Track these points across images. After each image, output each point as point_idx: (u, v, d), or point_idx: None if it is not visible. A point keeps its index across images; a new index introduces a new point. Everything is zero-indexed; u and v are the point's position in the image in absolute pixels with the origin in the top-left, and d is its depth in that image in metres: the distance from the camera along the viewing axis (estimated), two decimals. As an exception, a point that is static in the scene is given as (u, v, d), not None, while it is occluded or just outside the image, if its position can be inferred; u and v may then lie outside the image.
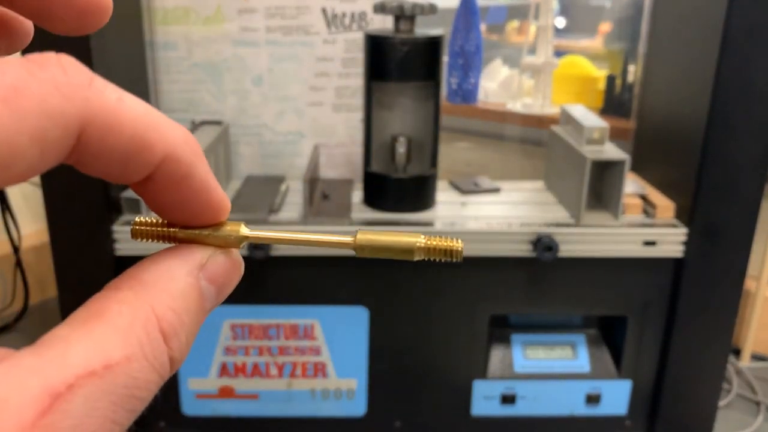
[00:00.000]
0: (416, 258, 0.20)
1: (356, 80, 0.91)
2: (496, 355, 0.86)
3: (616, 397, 0.86)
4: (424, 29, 0.79)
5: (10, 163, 0.15)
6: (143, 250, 0.77)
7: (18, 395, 0.13)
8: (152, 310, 0.16)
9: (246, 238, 0.20)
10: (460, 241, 0.20)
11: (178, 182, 0.18)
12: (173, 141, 0.18)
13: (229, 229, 0.20)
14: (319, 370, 0.84)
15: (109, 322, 0.15)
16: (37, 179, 0.79)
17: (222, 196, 0.19)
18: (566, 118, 0.89)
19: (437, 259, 0.20)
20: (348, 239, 0.21)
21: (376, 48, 0.77)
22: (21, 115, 0.15)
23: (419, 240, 0.20)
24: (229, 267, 0.19)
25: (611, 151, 0.79)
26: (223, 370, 0.83)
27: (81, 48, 0.70)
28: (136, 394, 0.15)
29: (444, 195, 0.87)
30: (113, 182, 0.21)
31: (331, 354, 0.83)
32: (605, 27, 1.34)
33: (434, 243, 0.20)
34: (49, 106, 0.15)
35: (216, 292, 0.18)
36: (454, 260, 0.20)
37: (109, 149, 0.17)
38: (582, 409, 0.86)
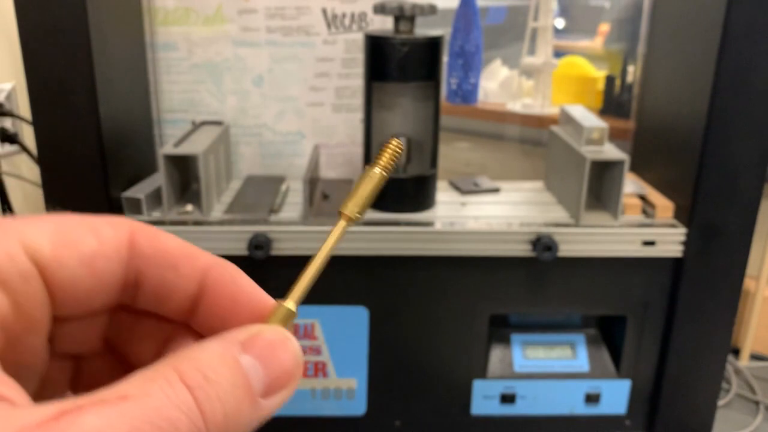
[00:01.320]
0: (384, 175, 0.22)
1: (356, 81, 0.91)
2: (496, 354, 0.86)
3: (616, 396, 0.86)
4: (424, 30, 0.80)
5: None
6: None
7: (30, 413, 0.15)
8: (175, 367, 0.17)
9: (293, 313, 0.20)
10: (393, 140, 0.22)
11: (229, 285, 0.20)
12: (211, 256, 0.21)
13: (275, 311, 0.20)
14: (319, 369, 0.84)
15: (132, 376, 0.17)
16: (38, 178, 0.80)
17: (268, 296, 0.21)
18: (566, 119, 0.89)
19: (394, 162, 0.22)
20: (342, 224, 0.23)
21: (376, 48, 0.77)
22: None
23: (374, 170, 0.22)
24: (273, 341, 0.19)
25: (610, 152, 0.79)
26: (224, 370, 0.84)
27: (82, 49, 0.70)
28: (162, 426, 0.16)
29: (444, 195, 0.88)
30: (171, 315, 0.21)
31: (331, 353, 0.83)
32: (605, 28, 1.34)
33: (384, 160, 0.22)
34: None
35: (262, 367, 0.18)
36: (400, 153, 0.23)
37: (160, 251, 0.20)
38: (581, 409, 0.86)
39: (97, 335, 0.22)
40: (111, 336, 0.23)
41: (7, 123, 1.20)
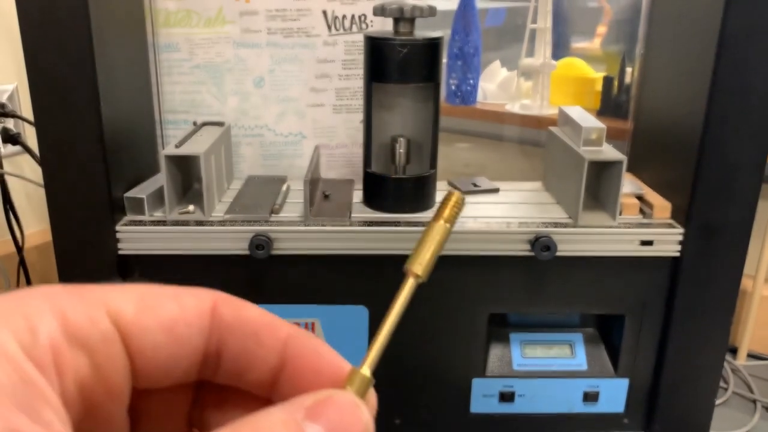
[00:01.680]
0: (449, 228, 0.22)
1: (356, 82, 0.92)
2: (495, 353, 0.87)
3: (614, 394, 0.87)
4: (424, 31, 0.80)
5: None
6: (147, 250, 0.78)
7: None
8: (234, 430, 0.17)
9: (370, 379, 0.21)
10: (455, 193, 0.22)
11: (311, 356, 0.20)
12: (293, 327, 0.21)
13: (350, 376, 0.20)
14: (320, 368, 0.85)
15: None
16: (40, 179, 0.80)
17: (349, 365, 0.21)
18: (564, 119, 0.90)
19: (458, 214, 0.22)
20: (411, 283, 0.22)
21: (376, 50, 0.78)
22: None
23: (444, 225, 0.22)
24: (342, 406, 0.18)
25: (609, 152, 0.80)
26: (225, 369, 0.84)
27: (84, 49, 0.71)
28: None
29: (443, 195, 0.88)
30: (253, 388, 0.21)
31: (332, 352, 0.84)
32: (603, 29, 1.34)
33: (449, 213, 0.22)
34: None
35: (322, 429, 0.18)
36: (462, 204, 0.23)
37: (243, 320, 0.20)
38: (580, 407, 0.87)
39: (180, 413, 0.22)
40: (194, 417, 0.22)
41: (10, 124, 1.21)
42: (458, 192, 0.22)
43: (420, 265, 0.22)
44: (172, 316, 0.20)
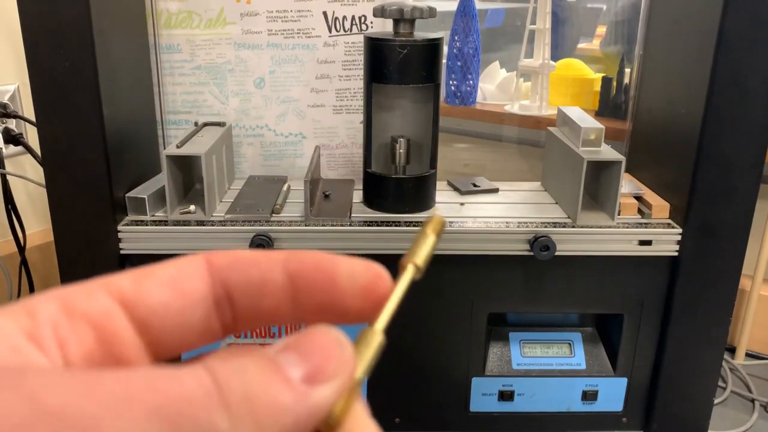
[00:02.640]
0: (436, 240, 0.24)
1: (356, 82, 0.92)
2: (494, 352, 0.87)
3: (612, 393, 0.87)
4: (424, 32, 0.81)
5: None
6: (149, 250, 0.79)
7: None
8: (202, 363, 0.16)
9: (382, 342, 0.20)
10: (435, 212, 0.23)
11: (314, 264, 0.21)
12: (286, 250, 0.21)
13: (359, 336, 0.20)
14: (320, 367, 0.85)
15: None
16: (42, 179, 0.81)
17: (360, 260, 0.21)
18: (563, 120, 0.90)
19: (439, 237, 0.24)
20: (408, 276, 0.23)
21: (376, 51, 0.78)
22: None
23: (431, 235, 0.23)
24: (319, 338, 0.18)
25: (607, 152, 0.81)
26: (226, 368, 0.85)
27: (85, 50, 0.71)
28: (171, 387, 0.15)
29: (443, 195, 0.89)
30: (278, 317, 0.21)
31: (332, 351, 0.84)
32: (602, 30, 1.35)
33: (433, 228, 0.23)
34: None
35: (296, 353, 0.17)
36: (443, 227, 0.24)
37: (235, 258, 0.21)
38: (578, 406, 0.87)
39: None
40: None
41: (11, 124, 1.21)
42: (439, 215, 0.24)
43: (419, 256, 0.23)
44: (170, 274, 0.20)
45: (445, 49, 1.17)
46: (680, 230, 0.79)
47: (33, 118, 0.76)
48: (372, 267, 0.21)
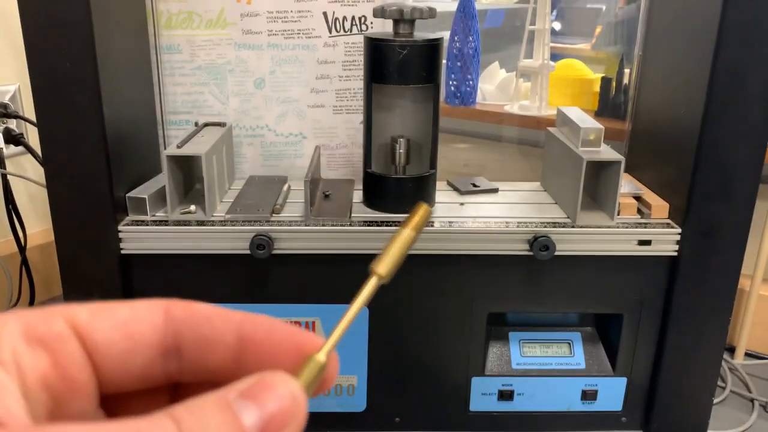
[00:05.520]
0: (415, 236, 0.23)
1: (356, 83, 0.93)
2: (494, 352, 0.87)
3: (612, 393, 0.87)
4: (424, 32, 0.81)
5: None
6: (149, 250, 0.79)
7: None
8: (169, 413, 0.18)
9: (322, 364, 0.21)
10: (423, 205, 0.24)
11: (267, 332, 0.22)
12: (244, 312, 0.22)
13: (305, 363, 0.21)
14: (320, 367, 0.85)
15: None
16: (42, 179, 0.81)
17: (309, 334, 0.22)
18: (562, 120, 0.90)
19: (424, 224, 0.25)
20: (374, 281, 0.24)
21: (376, 51, 0.78)
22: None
23: (410, 233, 0.23)
24: (269, 382, 0.19)
25: (607, 153, 0.81)
26: (226, 367, 0.85)
27: (86, 50, 0.71)
28: None
29: (442, 195, 0.89)
30: (220, 375, 0.22)
31: (332, 351, 0.85)
32: (599, 31, 1.35)
33: (416, 223, 0.24)
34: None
35: (255, 405, 0.18)
36: (429, 216, 0.25)
37: (193, 312, 0.22)
38: (578, 406, 0.88)
39: None
40: None
41: (12, 124, 1.21)
42: (426, 205, 0.25)
43: (384, 266, 0.24)
44: (124, 316, 0.21)
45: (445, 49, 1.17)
46: (679, 230, 0.80)
47: (33, 118, 0.76)
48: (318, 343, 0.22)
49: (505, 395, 0.87)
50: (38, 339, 0.20)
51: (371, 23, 0.90)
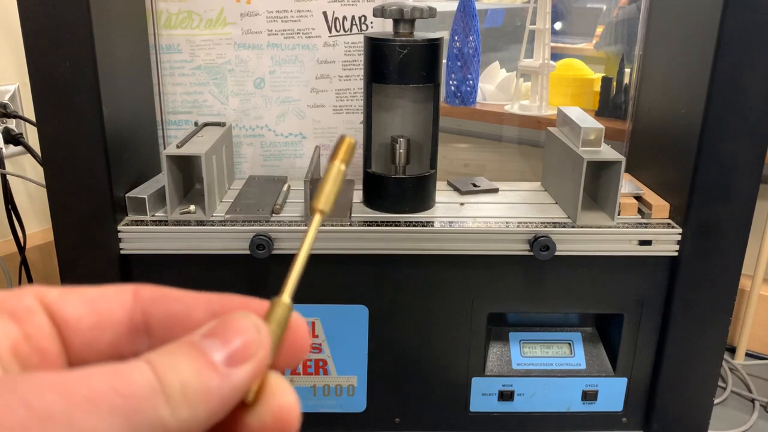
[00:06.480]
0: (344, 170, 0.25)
1: (356, 83, 0.92)
2: (494, 352, 0.87)
3: (612, 393, 0.87)
4: (424, 32, 0.81)
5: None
6: (149, 250, 0.79)
7: None
8: (142, 357, 0.19)
9: (288, 305, 0.22)
10: (346, 137, 0.24)
11: (237, 305, 0.23)
12: (215, 293, 0.23)
13: (271, 307, 0.22)
14: (320, 367, 0.85)
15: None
16: (42, 179, 0.81)
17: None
18: (563, 120, 0.90)
19: (351, 156, 0.25)
20: (318, 218, 0.25)
21: (376, 51, 0.78)
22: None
23: (339, 166, 0.25)
24: (229, 318, 0.21)
25: (607, 152, 0.81)
26: (226, 368, 0.85)
27: (85, 50, 0.71)
28: (119, 382, 0.18)
29: (442, 195, 0.89)
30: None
31: (332, 351, 0.85)
32: (601, 30, 1.35)
33: (342, 155, 0.24)
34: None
35: (218, 339, 0.20)
36: (353, 147, 0.25)
37: (163, 292, 0.23)
38: (578, 406, 0.87)
39: None
40: None
41: (12, 124, 1.21)
42: (348, 136, 0.26)
43: (324, 202, 0.26)
44: (92, 295, 0.23)
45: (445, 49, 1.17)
46: (680, 230, 0.79)
47: (33, 118, 0.76)
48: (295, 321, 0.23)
49: (506, 395, 0.86)
50: (8, 311, 0.21)
51: (371, 23, 0.90)
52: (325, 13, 0.90)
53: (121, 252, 0.79)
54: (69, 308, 0.22)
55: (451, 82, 1.33)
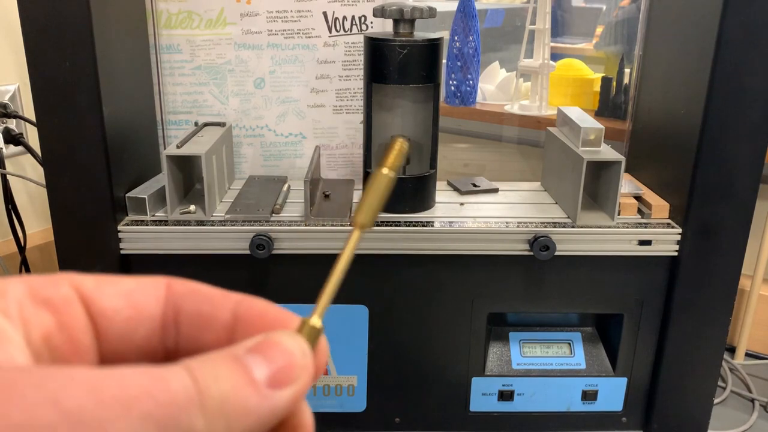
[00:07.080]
0: (392, 176, 0.23)
1: (356, 83, 0.92)
2: (494, 352, 0.87)
3: (612, 393, 0.87)
4: (424, 32, 0.81)
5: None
6: (149, 250, 0.79)
7: None
8: (182, 364, 0.18)
9: (318, 329, 0.22)
10: (399, 139, 0.23)
11: (261, 312, 0.22)
12: (242, 294, 0.23)
13: (300, 328, 0.21)
14: (320, 367, 0.85)
15: None
16: (42, 179, 0.81)
17: (298, 318, 0.22)
18: (563, 120, 0.90)
19: (400, 161, 0.23)
20: (356, 235, 0.23)
21: (376, 51, 0.78)
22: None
23: (387, 173, 0.23)
24: (276, 338, 0.20)
25: (607, 152, 0.81)
26: (226, 368, 0.85)
27: (85, 50, 0.71)
28: (156, 387, 0.17)
29: (443, 195, 0.89)
30: (212, 347, 0.22)
31: (332, 351, 0.85)
32: (601, 30, 1.35)
33: (392, 161, 0.23)
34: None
35: (263, 359, 0.19)
36: (405, 151, 0.23)
37: (195, 289, 0.23)
38: (578, 406, 0.87)
39: None
40: None
41: (12, 124, 1.21)
42: (402, 139, 0.24)
43: (365, 216, 0.24)
44: (129, 286, 0.22)
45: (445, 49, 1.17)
46: (680, 230, 0.80)
47: (33, 118, 0.76)
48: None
49: (506, 395, 0.86)
50: (44, 300, 0.20)
51: (371, 23, 0.90)
52: (325, 13, 0.90)
53: (121, 252, 0.79)
54: (106, 300, 0.21)
55: (451, 82, 1.33)
